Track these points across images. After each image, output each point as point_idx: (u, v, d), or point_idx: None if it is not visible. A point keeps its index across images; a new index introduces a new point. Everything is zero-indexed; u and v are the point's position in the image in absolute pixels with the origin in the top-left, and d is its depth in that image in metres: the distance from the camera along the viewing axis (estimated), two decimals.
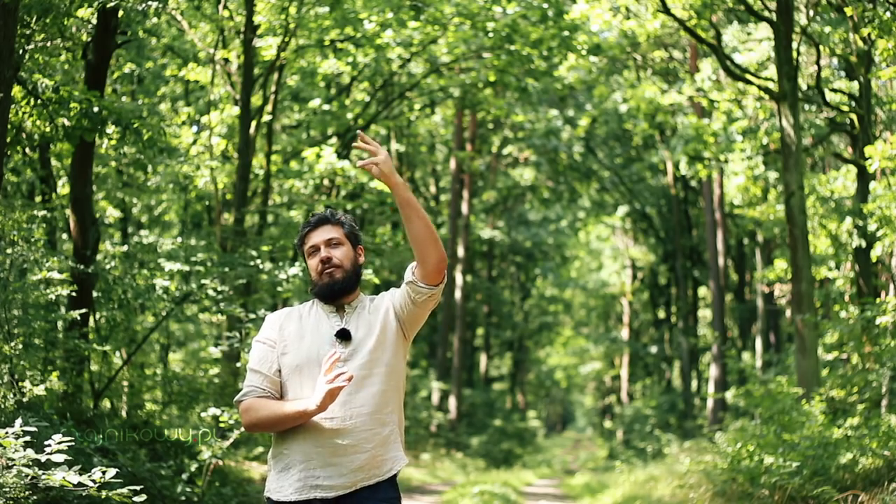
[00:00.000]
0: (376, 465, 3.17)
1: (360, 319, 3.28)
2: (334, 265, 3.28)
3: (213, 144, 15.56)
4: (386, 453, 3.21)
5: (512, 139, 27.61)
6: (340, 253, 3.30)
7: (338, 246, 3.32)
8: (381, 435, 3.19)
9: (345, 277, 3.28)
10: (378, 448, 3.18)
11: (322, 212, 3.40)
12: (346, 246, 3.33)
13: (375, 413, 3.18)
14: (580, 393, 53.11)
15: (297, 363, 3.21)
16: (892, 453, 8.14)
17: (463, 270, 24.87)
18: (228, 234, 13.28)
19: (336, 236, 3.33)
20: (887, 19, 10.66)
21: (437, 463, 19.74)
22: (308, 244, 3.34)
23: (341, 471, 3.13)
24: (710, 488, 9.87)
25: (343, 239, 3.34)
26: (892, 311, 10.79)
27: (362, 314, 3.29)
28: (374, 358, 3.21)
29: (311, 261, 3.32)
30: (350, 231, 3.37)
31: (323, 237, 3.32)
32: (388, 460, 3.21)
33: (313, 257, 3.32)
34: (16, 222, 8.42)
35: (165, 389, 10.14)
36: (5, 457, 4.46)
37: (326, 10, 14.23)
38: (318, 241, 3.31)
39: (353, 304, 3.31)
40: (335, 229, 3.34)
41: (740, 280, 28.59)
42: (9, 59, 6.65)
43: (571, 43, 15.50)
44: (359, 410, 3.15)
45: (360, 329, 3.25)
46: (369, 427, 3.16)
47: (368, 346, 3.22)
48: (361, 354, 3.21)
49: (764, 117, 16.87)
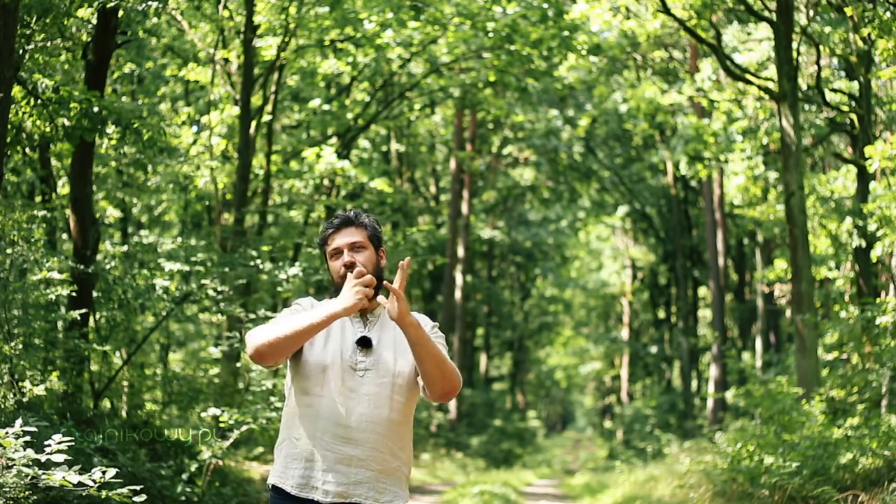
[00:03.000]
0: (378, 490, 3.13)
1: (384, 331, 3.24)
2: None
3: (213, 144, 15.56)
4: (390, 484, 3.16)
5: (512, 139, 27.62)
6: (363, 258, 3.23)
7: (361, 250, 3.24)
8: (390, 465, 3.16)
9: None
10: (383, 475, 3.14)
11: (346, 213, 3.33)
12: (369, 250, 3.26)
13: (388, 440, 3.15)
14: (580, 393, 53.12)
15: (321, 363, 3.18)
16: (892, 453, 8.14)
17: (463, 270, 24.86)
18: (228, 234, 13.28)
19: (360, 240, 3.25)
20: (887, 19, 10.66)
21: (437, 463, 19.74)
22: (331, 246, 3.27)
23: (341, 479, 3.10)
24: (710, 488, 9.87)
25: (366, 242, 3.26)
26: (892, 311, 10.79)
27: (388, 324, 3.25)
28: (396, 383, 3.17)
29: (334, 263, 3.26)
30: (373, 234, 3.30)
31: (346, 240, 3.25)
32: (390, 491, 3.17)
33: (335, 260, 3.25)
34: (16, 222, 8.42)
35: (165, 389, 10.14)
36: (5, 457, 4.46)
37: (326, 10, 14.23)
38: (342, 245, 3.24)
39: (376, 311, 3.27)
40: (359, 232, 3.27)
41: (740, 280, 28.59)
42: (9, 59, 6.65)
43: (571, 43, 15.49)
44: (373, 427, 3.12)
45: (382, 342, 3.22)
46: (380, 449, 3.13)
47: (390, 362, 3.19)
48: (382, 369, 3.18)
49: (764, 117, 16.88)
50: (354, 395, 3.13)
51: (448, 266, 23.94)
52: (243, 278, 10.27)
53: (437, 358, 3.11)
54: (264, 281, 10.83)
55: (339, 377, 3.15)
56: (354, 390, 3.13)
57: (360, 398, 3.13)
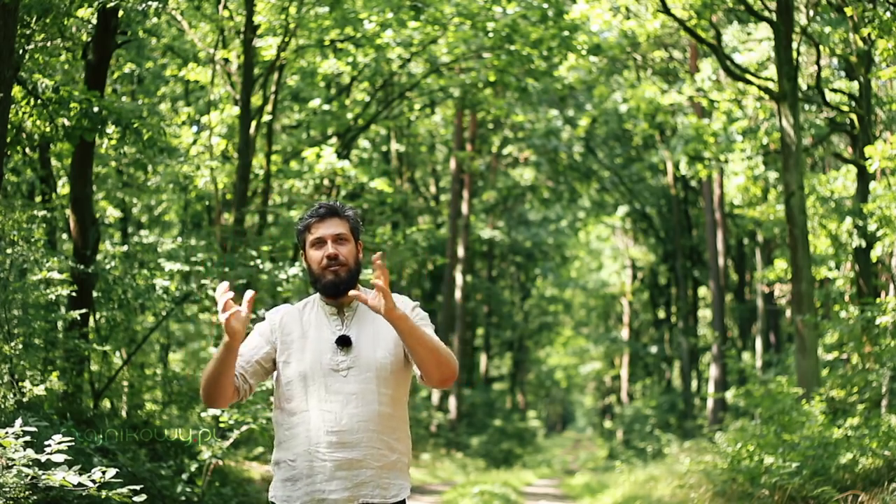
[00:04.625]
0: (382, 487, 3.11)
1: (364, 324, 3.21)
2: (340, 263, 3.19)
3: (213, 144, 15.56)
4: (393, 478, 3.15)
5: (512, 139, 27.62)
6: (346, 250, 3.21)
7: (344, 242, 3.22)
8: (389, 459, 3.13)
9: (348, 276, 3.20)
10: (384, 470, 3.12)
11: (329, 202, 3.29)
12: (351, 243, 3.23)
13: (382, 434, 3.12)
14: (580, 393, 53.10)
15: (300, 372, 3.15)
16: (892, 453, 8.14)
17: (463, 270, 24.86)
18: (228, 234, 13.27)
19: (343, 232, 3.22)
20: (887, 19, 10.66)
21: (437, 463, 19.74)
22: (314, 235, 3.22)
23: (346, 484, 3.07)
24: (710, 488, 9.87)
25: (349, 235, 3.24)
26: (892, 311, 10.79)
27: (365, 317, 3.22)
28: (380, 375, 3.14)
29: (314, 252, 3.21)
30: (355, 226, 3.27)
31: (331, 231, 3.21)
32: (395, 485, 3.14)
33: (317, 249, 3.21)
34: (16, 222, 8.42)
35: (165, 389, 10.14)
36: (5, 457, 4.46)
37: (326, 10, 14.23)
38: (326, 235, 3.20)
39: (353, 304, 3.24)
40: (342, 224, 3.24)
41: (740, 280, 28.59)
42: (9, 59, 6.65)
43: (571, 43, 15.49)
44: (365, 425, 3.09)
45: (362, 336, 3.18)
46: (376, 446, 3.10)
47: (371, 356, 3.16)
48: (364, 365, 3.14)
49: (764, 117, 16.87)
50: (340, 396, 3.09)
51: (448, 266, 23.94)
52: (243, 278, 10.26)
53: (430, 346, 3.08)
54: (264, 281, 10.82)
55: (322, 384, 3.11)
56: (339, 392, 3.10)
57: (346, 399, 3.09)
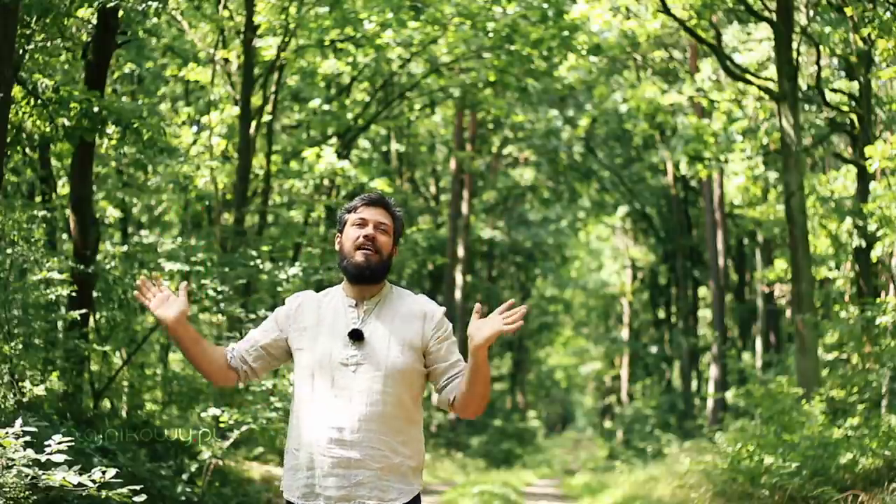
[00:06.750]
0: (381, 489, 3.08)
1: (381, 321, 3.19)
2: (375, 249, 3.20)
3: (213, 144, 15.55)
4: (394, 481, 3.11)
5: (512, 139, 27.61)
6: (384, 240, 3.23)
7: (384, 233, 3.25)
8: (391, 461, 3.10)
9: (378, 265, 3.20)
10: (385, 472, 3.09)
11: (383, 194, 3.34)
12: (390, 238, 3.26)
13: (385, 436, 3.09)
14: (580, 393, 53.08)
15: (309, 362, 3.16)
16: (892, 453, 8.15)
17: (463, 270, 24.86)
18: (228, 234, 13.28)
19: (387, 223, 3.26)
20: (887, 19, 10.66)
21: (437, 463, 19.73)
22: (358, 215, 3.24)
23: (342, 483, 3.06)
24: (710, 488, 9.88)
25: (391, 230, 3.27)
26: (892, 311, 10.80)
27: (385, 315, 3.21)
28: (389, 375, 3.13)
29: (352, 230, 3.23)
30: (397, 227, 3.31)
31: (376, 217, 3.24)
32: (395, 489, 3.11)
33: (356, 228, 3.23)
34: (16, 222, 8.41)
35: (165, 389, 10.14)
36: (5, 457, 4.46)
37: (326, 10, 14.23)
38: (370, 219, 3.24)
39: (374, 297, 3.23)
40: (388, 217, 3.28)
41: (740, 280, 28.59)
42: (9, 59, 6.65)
43: (571, 43, 15.50)
44: (367, 425, 3.07)
45: (377, 333, 3.17)
46: (377, 447, 3.08)
47: (382, 355, 3.15)
48: (374, 362, 3.13)
49: (764, 117, 16.88)
50: (346, 392, 3.09)
51: (448, 266, 23.94)
52: (243, 278, 10.27)
53: (487, 383, 3.21)
54: (264, 281, 10.83)
55: (329, 377, 3.11)
56: (345, 388, 3.09)
57: (352, 395, 3.09)
